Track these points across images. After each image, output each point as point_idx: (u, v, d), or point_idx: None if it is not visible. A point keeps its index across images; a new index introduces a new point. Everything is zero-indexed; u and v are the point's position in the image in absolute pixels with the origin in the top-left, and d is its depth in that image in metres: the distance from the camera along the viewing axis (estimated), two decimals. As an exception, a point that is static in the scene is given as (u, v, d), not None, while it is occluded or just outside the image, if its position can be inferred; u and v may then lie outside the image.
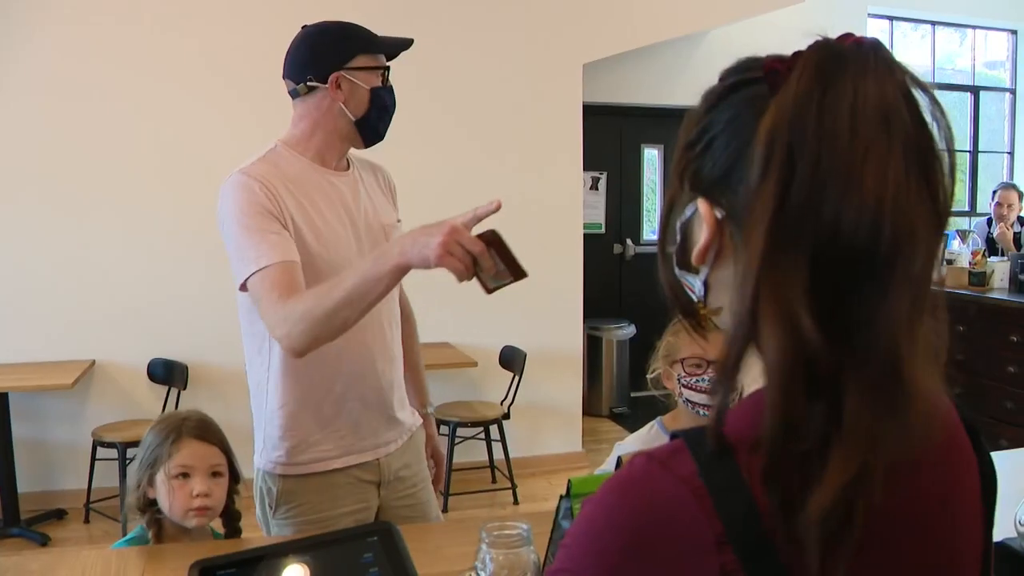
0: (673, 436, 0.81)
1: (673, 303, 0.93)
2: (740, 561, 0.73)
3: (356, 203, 2.24)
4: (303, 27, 2.24)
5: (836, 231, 0.73)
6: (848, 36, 0.78)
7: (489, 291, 1.82)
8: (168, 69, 5.23)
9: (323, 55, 2.16)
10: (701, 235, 0.86)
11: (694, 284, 0.90)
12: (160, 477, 2.12)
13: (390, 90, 2.23)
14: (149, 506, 2.14)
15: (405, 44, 2.24)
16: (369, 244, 2.21)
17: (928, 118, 0.77)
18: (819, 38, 0.79)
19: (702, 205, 0.84)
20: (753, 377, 0.88)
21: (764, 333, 0.74)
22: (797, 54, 0.79)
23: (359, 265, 1.90)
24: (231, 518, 2.26)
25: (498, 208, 1.83)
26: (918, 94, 0.77)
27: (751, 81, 0.83)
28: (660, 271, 0.93)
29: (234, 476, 2.24)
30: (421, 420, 2.50)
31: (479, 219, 1.84)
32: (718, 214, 0.83)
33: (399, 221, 2.38)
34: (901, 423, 0.74)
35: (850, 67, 0.75)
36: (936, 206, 0.76)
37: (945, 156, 0.77)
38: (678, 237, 0.91)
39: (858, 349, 0.74)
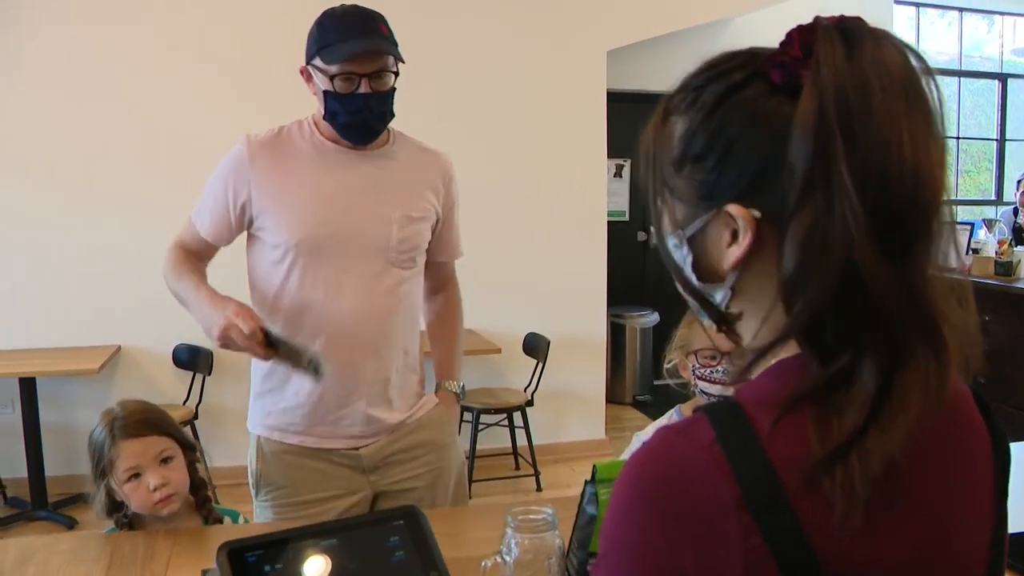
0: (695, 411, 0.84)
1: (705, 313, 0.93)
2: (756, 520, 0.75)
3: (357, 184, 2.22)
4: None
5: (881, 198, 0.76)
6: (825, 18, 0.81)
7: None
8: (192, 63, 5.26)
9: (306, 44, 2.18)
10: (725, 242, 0.86)
11: (716, 295, 0.91)
12: (114, 484, 2.10)
13: (343, 97, 2.11)
14: (116, 509, 2.14)
15: (359, 51, 2.08)
16: (360, 226, 2.20)
17: (924, 82, 0.80)
18: (798, 25, 0.82)
19: (737, 210, 0.83)
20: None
21: (866, 298, 0.77)
22: (797, 38, 0.81)
23: (194, 290, 2.21)
24: (197, 488, 2.21)
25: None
26: (912, 58, 0.80)
27: (751, 78, 0.84)
28: (682, 288, 0.95)
29: (188, 447, 2.21)
30: (434, 401, 2.45)
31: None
32: (756, 214, 0.83)
33: (433, 218, 2.34)
34: (944, 374, 0.79)
35: (866, 39, 0.78)
36: (945, 169, 0.81)
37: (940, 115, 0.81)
38: (688, 254, 0.91)
39: (912, 312, 0.78)
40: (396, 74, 2.17)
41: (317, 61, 2.13)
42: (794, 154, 0.78)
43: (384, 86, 2.14)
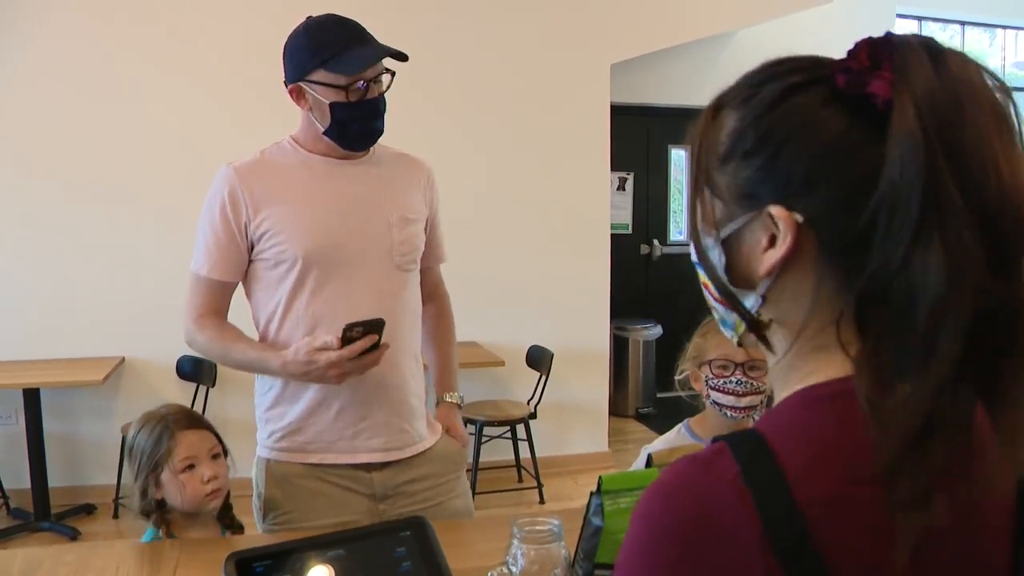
0: (714, 441, 0.81)
1: (738, 317, 0.91)
2: (781, 562, 0.73)
3: (352, 191, 2.23)
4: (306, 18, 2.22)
5: (982, 216, 0.74)
6: (899, 35, 0.80)
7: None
8: (195, 70, 5.28)
9: (289, 62, 2.18)
10: (762, 246, 0.84)
11: (745, 302, 0.89)
12: (166, 475, 2.14)
13: (356, 105, 2.14)
14: (157, 508, 2.16)
15: (374, 58, 2.12)
16: (362, 231, 2.21)
17: (1009, 105, 0.78)
18: (868, 36, 0.80)
19: (780, 212, 0.82)
20: (784, 383, 0.88)
21: (955, 300, 0.74)
22: (865, 48, 0.79)
23: (251, 351, 2.18)
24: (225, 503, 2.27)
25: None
26: (988, 77, 0.79)
27: (811, 82, 0.83)
28: (713, 292, 0.92)
29: (225, 449, 2.27)
30: (438, 435, 2.40)
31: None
32: (799, 219, 0.82)
33: (424, 219, 2.36)
34: None
35: (949, 57, 0.77)
36: None
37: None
38: (721, 255, 0.89)
39: (1013, 326, 0.76)
40: (393, 73, 2.20)
41: (319, 75, 2.11)
42: (897, 167, 0.75)
43: (383, 87, 2.18)
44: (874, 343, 0.79)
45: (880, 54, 0.78)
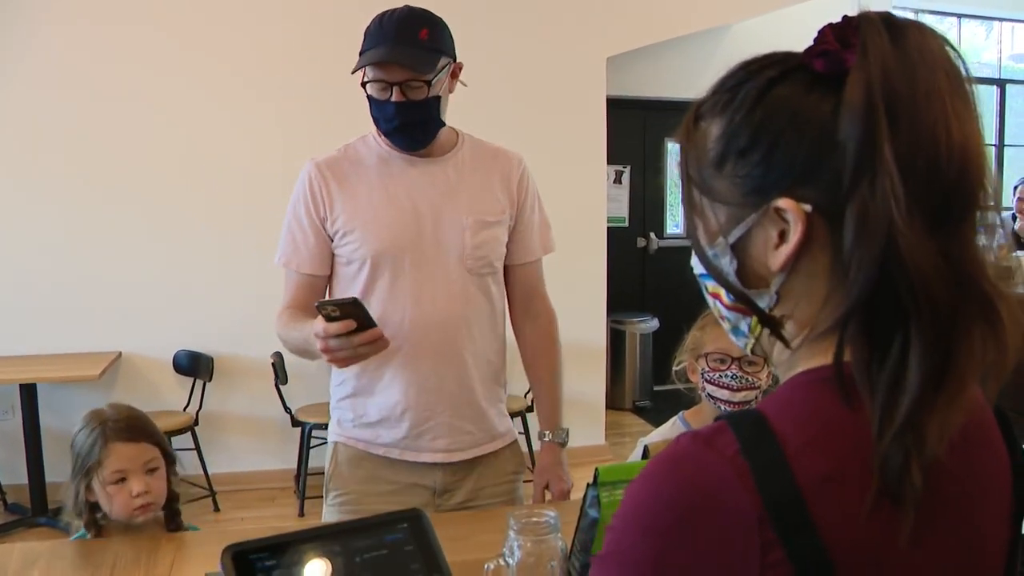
0: (716, 419, 0.83)
1: (755, 316, 0.91)
2: (779, 538, 0.74)
3: (428, 191, 2.19)
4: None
5: (932, 175, 0.77)
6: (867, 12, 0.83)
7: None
8: (192, 68, 5.27)
9: None
10: (772, 243, 0.85)
11: (760, 302, 0.89)
12: (96, 484, 2.09)
13: (379, 104, 2.11)
14: (90, 510, 2.12)
15: (373, 59, 2.06)
16: (435, 234, 2.18)
17: (964, 71, 0.82)
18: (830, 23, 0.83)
19: (787, 203, 0.82)
20: (788, 368, 0.89)
21: (907, 276, 0.76)
22: (836, 31, 0.82)
23: (304, 328, 2.01)
24: (169, 500, 2.18)
25: None
26: (948, 48, 0.82)
27: (791, 71, 0.84)
28: (727, 296, 0.92)
29: (170, 459, 2.19)
30: (511, 439, 2.42)
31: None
32: (807, 208, 0.82)
33: (508, 220, 2.30)
34: (1003, 347, 0.80)
35: (909, 29, 0.80)
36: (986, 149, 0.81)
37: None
38: (732, 260, 0.89)
39: (964, 286, 0.78)
40: (429, 83, 2.11)
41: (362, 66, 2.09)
42: (842, 137, 0.78)
43: (418, 95, 2.10)
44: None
45: (846, 33, 0.81)
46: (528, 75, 5.78)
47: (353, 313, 1.84)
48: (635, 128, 7.49)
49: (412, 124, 2.13)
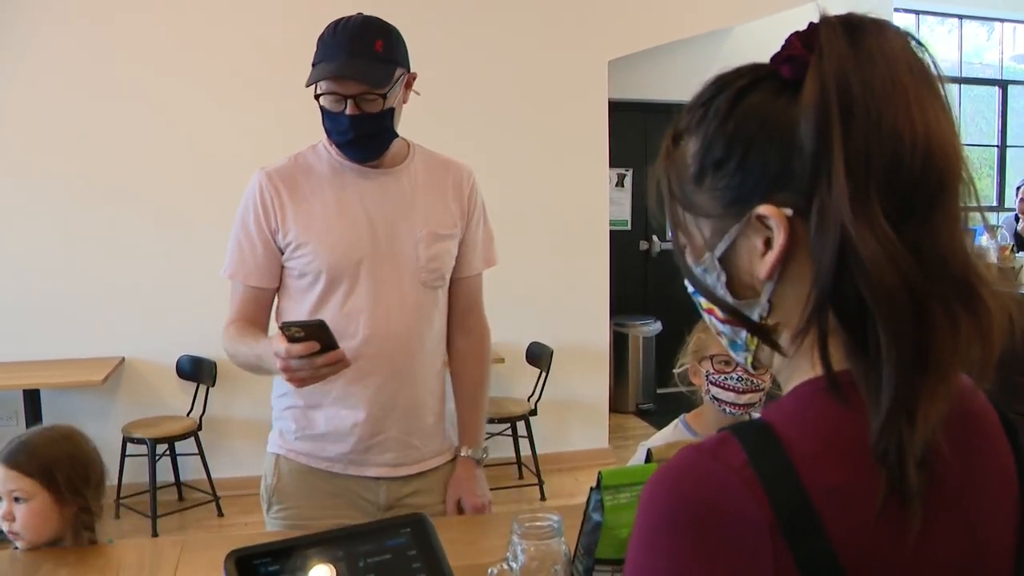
0: (720, 431, 0.82)
1: (747, 331, 0.91)
2: (790, 546, 0.74)
3: (382, 204, 2.16)
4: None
5: (893, 172, 0.78)
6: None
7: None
8: (193, 71, 5.29)
9: None
10: (759, 252, 0.85)
11: (752, 312, 0.89)
12: None
13: (331, 116, 2.08)
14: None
15: (330, 77, 2.02)
16: (389, 246, 2.15)
17: (931, 66, 0.82)
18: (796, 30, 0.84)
19: (768, 209, 0.82)
20: (789, 376, 0.89)
21: (862, 266, 0.77)
22: (802, 36, 0.83)
23: (256, 346, 2.04)
24: (76, 533, 2.09)
25: None
26: (915, 46, 0.83)
27: (760, 79, 0.86)
28: (719, 312, 0.92)
29: (71, 497, 2.07)
30: (453, 454, 2.34)
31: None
32: (788, 212, 0.82)
33: (458, 232, 2.26)
34: (988, 334, 0.80)
35: (868, 28, 0.80)
36: (958, 136, 0.82)
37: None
38: (720, 273, 0.89)
39: (937, 274, 0.78)
40: (384, 96, 2.05)
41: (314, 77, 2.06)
42: (800, 140, 0.79)
43: (373, 108, 2.05)
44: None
45: (811, 39, 0.82)
46: (530, 78, 5.79)
47: (317, 335, 1.83)
48: (637, 131, 7.48)
49: (367, 137, 2.09)
